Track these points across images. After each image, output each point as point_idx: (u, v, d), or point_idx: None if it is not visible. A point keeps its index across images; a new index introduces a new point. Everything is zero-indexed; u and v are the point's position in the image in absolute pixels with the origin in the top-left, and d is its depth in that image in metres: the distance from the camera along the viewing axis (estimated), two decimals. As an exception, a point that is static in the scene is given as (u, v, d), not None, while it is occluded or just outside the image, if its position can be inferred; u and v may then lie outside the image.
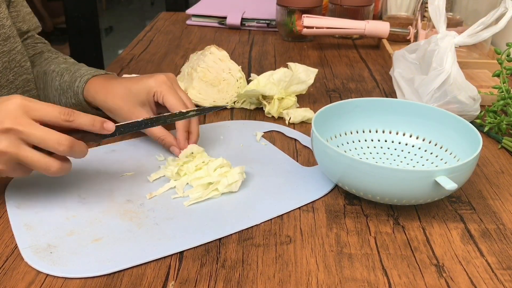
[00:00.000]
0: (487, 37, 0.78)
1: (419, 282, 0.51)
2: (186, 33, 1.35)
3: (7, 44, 0.78)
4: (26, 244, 0.54)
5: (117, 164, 0.70)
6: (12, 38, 0.80)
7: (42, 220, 0.58)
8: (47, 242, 0.55)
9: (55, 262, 0.52)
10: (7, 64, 0.79)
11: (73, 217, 0.59)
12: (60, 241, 0.55)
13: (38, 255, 0.53)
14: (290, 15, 1.23)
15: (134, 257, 0.53)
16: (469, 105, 0.78)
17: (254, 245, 0.56)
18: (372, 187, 0.58)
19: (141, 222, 0.58)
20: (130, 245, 0.55)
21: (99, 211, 0.60)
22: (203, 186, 0.63)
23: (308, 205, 0.62)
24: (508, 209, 0.62)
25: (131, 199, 0.62)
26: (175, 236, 0.56)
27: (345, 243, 0.56)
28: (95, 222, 0.58)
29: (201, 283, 0.50)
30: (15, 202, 0.61)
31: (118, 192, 0.64)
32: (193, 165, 0.66)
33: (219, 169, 0.65)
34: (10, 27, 0.79)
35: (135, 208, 0.61)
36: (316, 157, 0.64)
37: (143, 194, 0.63)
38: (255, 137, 0.78)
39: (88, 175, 0.67)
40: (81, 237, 0.56)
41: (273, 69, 0.87)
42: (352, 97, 0.93)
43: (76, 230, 0.57)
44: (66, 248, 0.54)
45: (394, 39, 1.20)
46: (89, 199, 0.62)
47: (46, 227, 0.57)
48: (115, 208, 0.61)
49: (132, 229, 0.57)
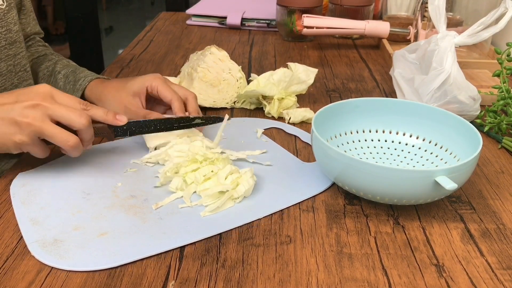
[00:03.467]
0: (487, 37, 0.78)
1: (419, 282, 0.51)
2: (186, 33, 1.35)
3: (12, 48, 0.81)
4: (33, 239, 0.55)
5: (120, 161, 0.70)
6: (18, 43, 0.83)
7: (48, 216, 0.59)
8: (53, 237, 0.55)
9: (62, 256, 0.53)
10: (12, 68, 0.81)
11: (78, 212, 0.60)
12: (67, 235, 0.56)
13: (45, 249, 0.54)
14: (290, 15, 1.23)
15: (140, 250, 0.54)
16: (469, 105, 0.78)
17: (254, 245, 0.56)
18: (372, 187, 0.58)
19: (146, 217, 0.59)
20: (135, 239, 0.55)
21: (104, 206, 0.61)
22: (213, 196, 0.61)
23: (308, 205, 0.62)
24: (508, 209, 0.62)
25: (135, 195, 0.63)
26: (180, 230, 0.57)
27: (345, 243, 0.56)
28: (100, 217, 0.59)
29: (201, 283, 0.50)
30: (20, 198, 0.62)
31: (122, 188, 0.64)
32: (201, 174, 0.63)
33: (229, 177, 0.63)
34: (17, 32, 0.82)
35: (139, 203, 0.61)
36: (316, 157, 0.64)
37: (147, 189, 0.64)
38: (255, 134, 0.79)
39: (92, 172, 0.68)
40: (87, 232, 0.56)
41: (273, 69, 0.87)
42: (352, 97, 0.93)
43: (81, 225, 0.57)
44: (72, 242, 0.55)
45: (394, 39, 1.20)
46: (93, 195, 0.63)
47: (52, 222, 0.58)
48: (119, 203, 0.61)
49: (136, 223, 0.58)
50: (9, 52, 0.80)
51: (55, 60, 0.91)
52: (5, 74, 0.80)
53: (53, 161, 0.70)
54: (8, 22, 0.80)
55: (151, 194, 0.63)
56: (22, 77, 0.84)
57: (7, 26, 0.80)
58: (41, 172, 0.67)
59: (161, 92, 0.75)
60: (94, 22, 2.33)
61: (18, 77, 0.83)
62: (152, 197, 0.63)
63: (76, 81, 0.82)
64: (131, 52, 1.19)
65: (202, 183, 0.63)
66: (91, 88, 0.81)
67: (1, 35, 0.79)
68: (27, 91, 0.62)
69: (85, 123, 0.62)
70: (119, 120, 0.67)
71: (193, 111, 0.75)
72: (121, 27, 4.44)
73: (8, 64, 0.80)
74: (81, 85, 0.81)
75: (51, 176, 0.66)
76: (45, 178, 0.66)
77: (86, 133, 0.63)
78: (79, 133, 0.63)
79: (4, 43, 0.79)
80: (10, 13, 0.80)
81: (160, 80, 0.76)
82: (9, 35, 0.80)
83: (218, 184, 0.62)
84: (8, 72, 0.81)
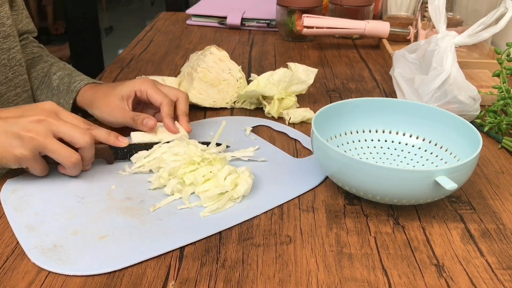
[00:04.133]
0: (487, 37, 0.78)
1: (419, 282, 0.51)
2: (186, 33, 1.35)
3: (6, 42, 0.80)
4: (31, 246, 0.54)
5: (112, 164, 0.70)
6: (12, 37, 0.81)
7: (43, 221, 0.58)
8: (52, 243, 0.55)
9: (64, 261, 0.52)
10: (6, 62, 0.80)
11: (74, 216, 0.59)
12: (66, 240, 0.55)
13: (45, 255, 0.53)
14: (290, 15, 1.23)
15: (143, 251, 0.54)
16: (469, 105, 0.78)
17: (254, 245, 0.56)
18: (372, 187, 0.58)
19: (144, 218, 0.59)
20: (137, 240, 0.55)
21: (100, 209, 0.60)
22: (213, 197, 0.61)
23: (308, 205, 0.62)
24: (508, 209, 0.62)
25: (131, 197, 0.63)
26: (180, 230, 0.57)
27: (345, 243, 0.56)
28: (98, 220, 0.58)
29: (201, 283, 0.50)
30: (11, 205, 0.61)
31: (116, 190, 0.64)
32: (200, 175, 0.63)
33: (228, 177, 0.63)
34: (10, 26, 0.81)
35: (136, 205, 0.61)
36: (316, 157, 0.64)
37: (142, 191, 0.64)
38: (244, 132, 0.79)
39: (83, 175, 0.67)
40: (86, 236, 0.56)
41: (273, 69, 0.87)
42: (352, 97, 0.93)
43: (79, 229, 0.57)
44: (72, 247, 0.54)
45: (394, 39, 1.20)
46: (88, 199, 0.62)
47: (48, 227, 0.57)
48: (115, 206, 0.61)
49: (136, 225, 0.58)
50: (2, 46, 0.80)
51: (51, 62, 0.90)
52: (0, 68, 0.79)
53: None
54: (1, 16, 0.79)
55: (147, 196, 0.63)
56: (17, 71, 0.83)
57: (0, 20, 0.79)
58: (31, 177, 0.65)
59: (150, 96, 0.75)
60: (94, 22, 2.33)
61: (13, 71, 0.82)
62: (148, 199, 0.62)
63: (71, 83, 0.81)
64: (131, 52, 1.19)
65: (201, 185, 0.63)
66: (82, 93, 0.80)
67: None
68: (32, 107, 0.63)
69: (88, 141, 0.63)
70: (120, 142, 0.69)
71: (181, 113, 0.75)
72: (121, 27, 4.44)
73: (2, 58, 0.79)
74: (75, 87, 0.80)
75: (41, 181, 0.65)
76: (35, 183, 0.64)
77: (88, 152, 0.64)
78: (81, 151, 0.63)
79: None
80: (2, 7, 0.80)
81: (149, 84, 0.75)
82: (3, 29, 0.79)
83: (218, 186, 0.62)
84: (2, 66, 0.80)
